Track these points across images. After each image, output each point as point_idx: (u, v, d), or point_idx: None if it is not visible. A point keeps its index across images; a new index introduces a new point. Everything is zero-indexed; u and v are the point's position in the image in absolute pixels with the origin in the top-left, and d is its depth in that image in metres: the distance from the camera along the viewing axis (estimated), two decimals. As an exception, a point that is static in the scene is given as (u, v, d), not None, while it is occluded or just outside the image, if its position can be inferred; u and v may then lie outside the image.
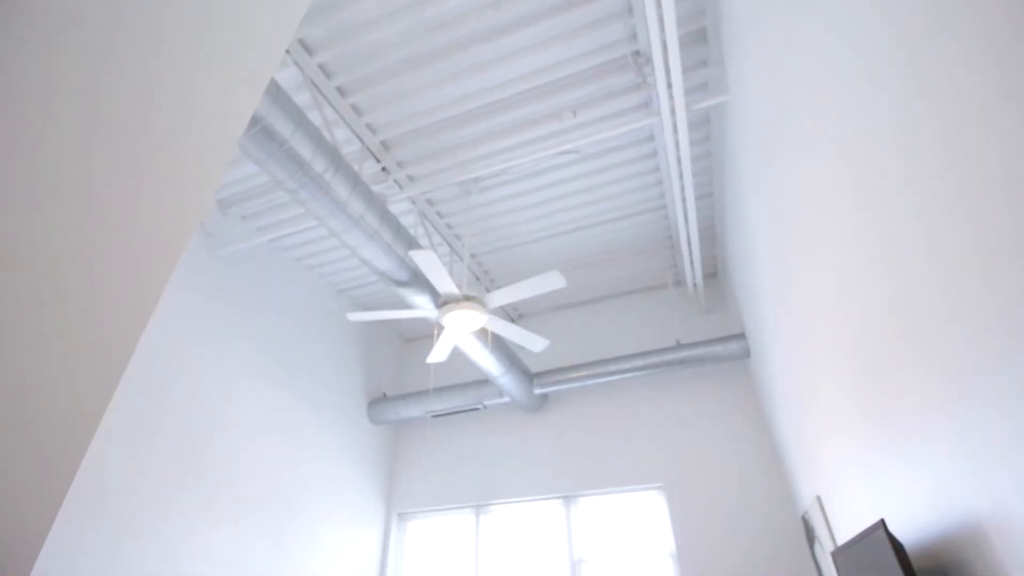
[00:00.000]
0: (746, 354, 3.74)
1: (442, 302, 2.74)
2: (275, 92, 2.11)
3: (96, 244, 0.84)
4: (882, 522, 1.28)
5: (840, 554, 1.90)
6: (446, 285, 2.56)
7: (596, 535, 3.94)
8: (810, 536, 3.01)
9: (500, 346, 3.83)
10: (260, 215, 3.61)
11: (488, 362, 3.77)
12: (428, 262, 2.37)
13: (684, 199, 3.54)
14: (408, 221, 3.83)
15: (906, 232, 1.18)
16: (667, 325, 4.54)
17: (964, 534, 1.20)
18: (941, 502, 1.30)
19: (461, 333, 3.06)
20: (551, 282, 2.54)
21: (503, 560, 4.09)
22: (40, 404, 0.76)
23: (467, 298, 2.71)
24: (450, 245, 4.05)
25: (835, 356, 1.90)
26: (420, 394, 4.53)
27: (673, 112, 2.71)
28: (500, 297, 2.69)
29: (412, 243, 2.89)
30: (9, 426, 0.73)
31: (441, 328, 3.52)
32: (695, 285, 4.34)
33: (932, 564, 1.42)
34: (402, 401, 4.58)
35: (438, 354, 3.19)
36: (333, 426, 4.18)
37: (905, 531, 1.56)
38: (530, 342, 3.09)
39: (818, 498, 2.58)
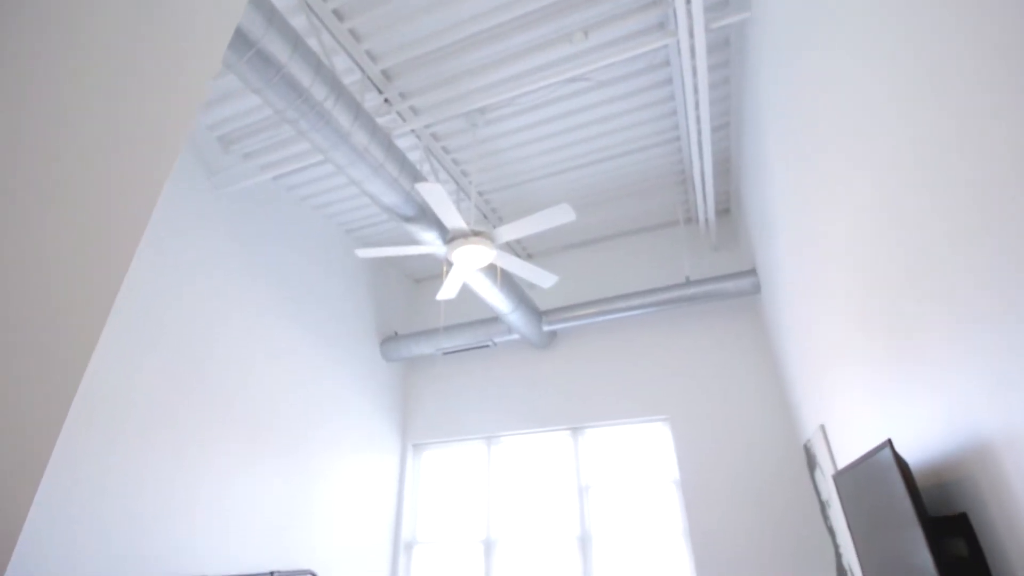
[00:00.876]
0: (756, 290, 3.72)
1: (450, 238, 2.71)
2: (270, 13, 1.99)
3: (83, 164, 0.82)
4: (889, 441, 1.30)
5: (842, 476, 1.96)
6: (454, 220, 2.52)
7: (602, 464, 4.10)
8: (811, 463, 3.11)
9: (509, 283, 3.83)
10: (262, 152, 3.53)
11: (497, 299, 3.78)
12: (435, 195, 2.32)
13: (699, 130, 3.41)
14: (414, 157, 3.74)
15: (918, 174, 1.12)
16: (676, 263, 4.50)
17: (971, 453, 1.22)
18: (948, 423, 1.31)
19: (470, 269, 3.05)
20: (560, 215, 2.49)
21: (513, 487, 4.30)
22: (34, 332, 0.76)
23: (475, 233, 2.67)
24: (457, 183, 3.97)
25: (846, 289, 1.88)
26: (431, 332, 4.60)
27: (691, 32, 2.54)
28: (509, 232, 2.65)
29: (418, 177, 2.83)
30: (5, 353, 0.73)
31: (450, 265, 3.51)
32: (707, 221, 4.26)
33: (934, 482, 1.45)
34: (413, 339, 4.66)
35: (447, 291, 3.20)
36: (347, 362, 4.29)
37: (909, 453, 1.59)
38: (539, 278, 3.08)
39: (821, 426, 2.63)
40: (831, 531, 2.93)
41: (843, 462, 2.39)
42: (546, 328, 4.29)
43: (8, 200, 0.71)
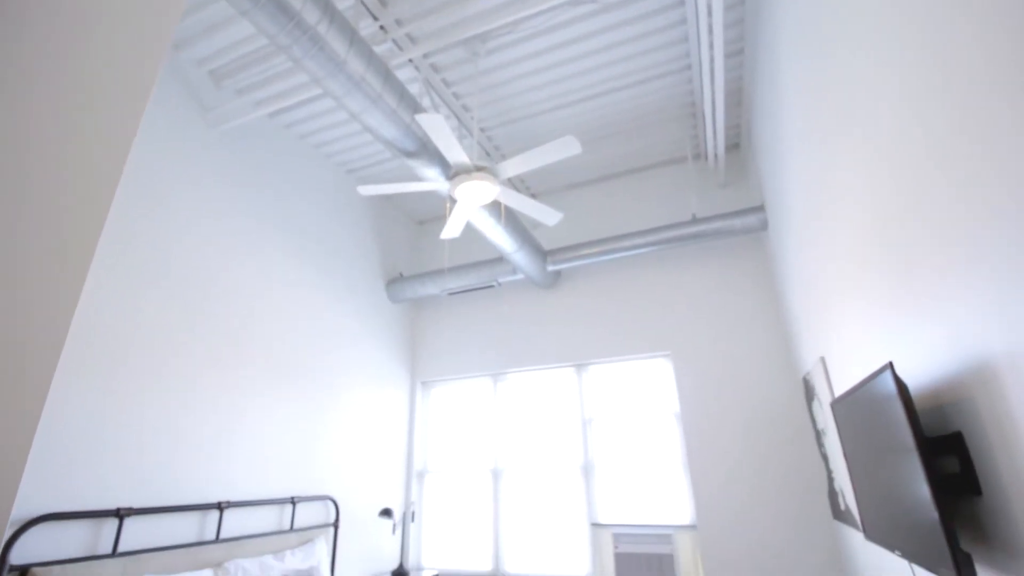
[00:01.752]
0: (763, 227, 3.67)
1: (453, 173, 2.65)
2: (253, -74, 1.85)
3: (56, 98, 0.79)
4: (890, 363, 1.32)
5: (839, 403, 2.00)
6: (456, 154, 2.46)
7: (605, 398, 4.21)
8: (809, 395, 3.18)
9: (513, 222, 3.79)
10: (256, 87, 3.40)
11: (501, 238, 3.76)
12: (436, 126, 2.25)
13: (712, 56, 3.24)
14: (412, 91, 3.60)
15: (935, 106, 1.06)
16: (683, 201, 4.43)
17: (971, 374, 1.23)
18: (950, 347, 1.32)
19: (473, 207, 3.01)
20: (566, 148, 2.42)
21: (519, 420, 4.45)
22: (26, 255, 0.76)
23: (478, 168, 2.61)
24: (458, 118, 3.84)
25: (855, 221, 1.84)
26: (436, 273, 4.61)
27: (707, -56, 2.37)
28: (513, 166, 2.59)
29: (418, 109, 2.73)
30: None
31: (453, 202, 3.47)
32: (716, 156, 4.14)
33: (930, 406, 1.49)
34: (419, 280, 4.68)
35: (451, 230, 3.17)
36: (353, 302, 4.33)
37: (907, 379, 1.62)
38: (543, 215, 3.04)
39: (821, 358, 2.67)
40: (825, 458, 3.05)
41: (841, 391, 2.44)
42: (550, 268, 4.28)
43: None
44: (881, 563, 2.26)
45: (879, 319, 1.81)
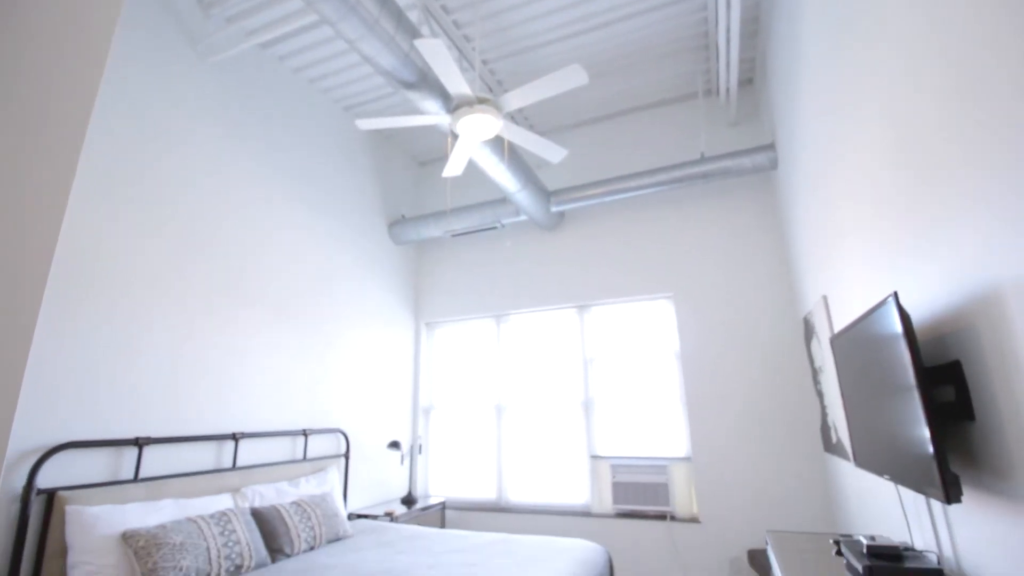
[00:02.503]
0: (772, 165, 3.58)
1: (454, 106, 2.56)
2: None
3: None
4: (894, 294, 1.32)
5: (839, 338, 2.03)
6: (457, 84, 2.36)
7: (606, 338, 4.28)
8: (808, 334, 3.22)
9: (516, 161, 3.71)
10: (246, 14, 3.23)
11: (504, 178, 3.69)
12: (436, 53, 2.15)
13: (728, -21, 3.04)
14: (411, 18, 3.41)
15: (953, 52, 0.99)
16: (692, 139, 4.30)
17: (975, 303, 1.23)
18: (956, 278, 1.31)
19: (475, 142, 2.94)
20: (572, 78, 2.32)
21: (522, 360, 4.54)
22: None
23: (480, 101, 2.52)
24: (459, 49, 3.67)
25: (868, 156, 1.78)
26: (438, 215, 4.56)
27: None
28: (516, 98, 2.50)
29: (416, 36, 2.60)
30: None
31: (455, 137, 3.37)
32: (728, 92, 3.98)
33: (930, 337, 1.50)
34: (421, 222, 4.64)
35: (453, 167, 3.11)
36: (356, 242, 4.32)
37: (909, 311, 1.62)
38: (547, 152, 2.97)
39: (823, 297, 2.68)
40: (820, 394, 3.12)
41: (841, 327, 2.46)
42: (554, 209, 4.23)
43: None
44: (868, 489, 2.36)
45: (884, 256, 1.80)
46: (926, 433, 1.24)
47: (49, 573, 2.07)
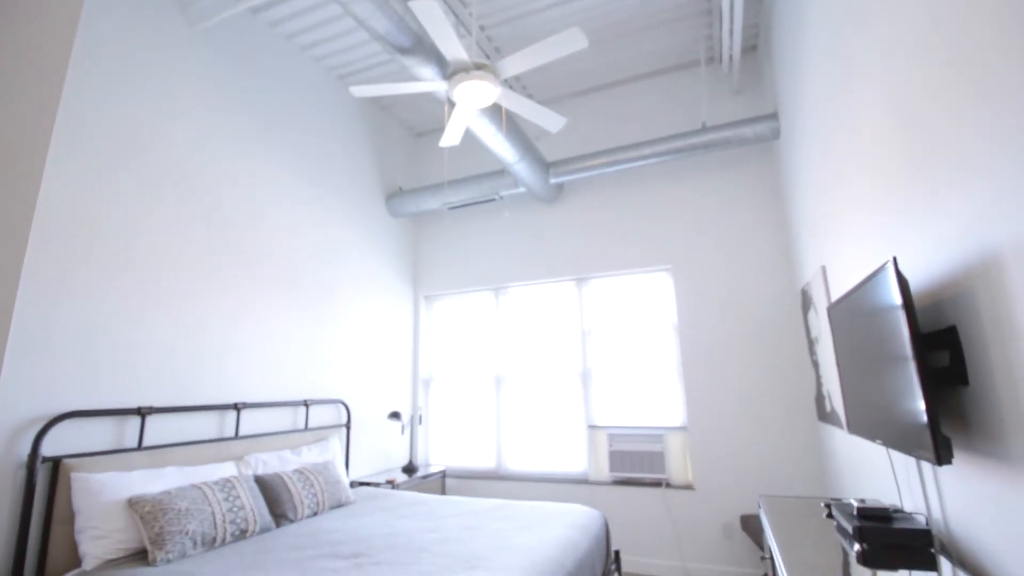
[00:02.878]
0: (775, 135, 3.53)
1: (450, 72, 2.50)
2: None
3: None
4: (893, 259, 1.31)
5: (836, 307, 2.03)
6: (454, 48, 2.30)
7: (604, 311, 4.29)
8: (806, 305, 3.23)
9: (515, 131, 3.65)
10: (235, -24, 3.13)
11: (503, 148, 3.63)
12: (431, 15, 2.09)
13: (734, -61, 2.95)
14: (406, -18, 3.30)
15: (959, 15, 0.95)
16: (693, 109, 4.22)
17: (973, 269, 1.23)
18: (955, 244, 1.31)
19: (473, 110, 2.88)
20: (571, 42, 2.26)
21: (520, 332, 4.57)
22: None
23: (478, 67, 2.46)
24: (456, 15, 3.56)
25: (871, 123, 1.75)
26: (436, 187, 4.51)
27: None
28: (514, 63, 2.44)
29: None
30: None
31: (451, 105, 3.31)
32: (731, 59, 3.89)
33: (928, 303, 1.50)
34: (419, 194, 4.59)
35: (450, 136, 3.06)
36: (353, 215, 4.29)
37: (908, 278, 1.62)
38: (546, 120, 2.92)
39: (822, 268, 2.68)
40: (815, 364, 3.15)
41: (839, 296, 2.47)
42: (553, 180, 4.18)
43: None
44: (860, 456, 2.41)
45: (883, 225, 1.79)
46: (920, 397, 1.25)
47: (57, 538, 2.12)
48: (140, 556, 2.13)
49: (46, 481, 2.17)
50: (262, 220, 3.40)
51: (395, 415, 4.09)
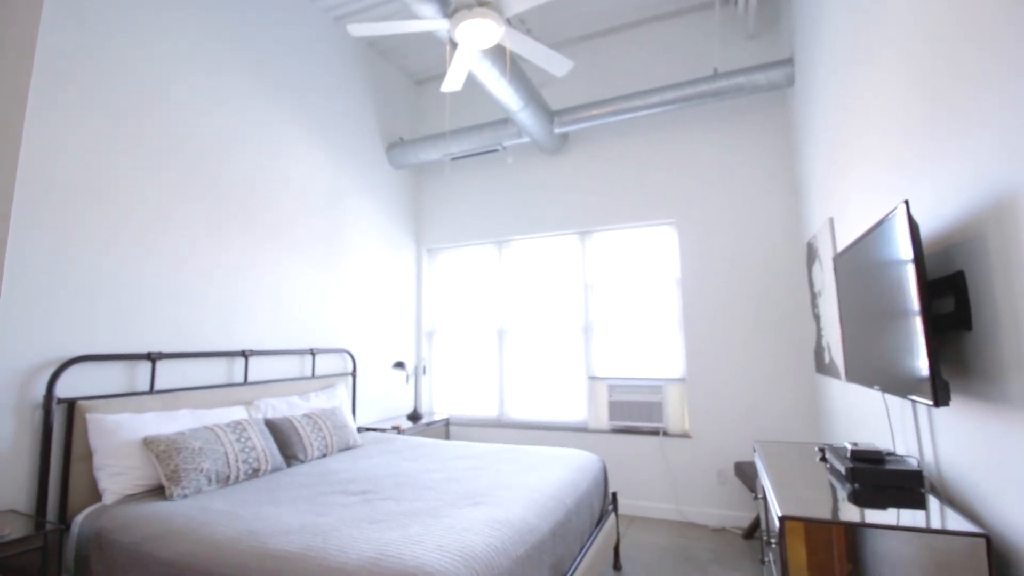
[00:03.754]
0: (789, 82, 3.40)
1: (452, 9, 2.39)
2: None
3: None
4: (905, 202, 1.29)
5: (842, 256, 2.02)
6: (457, -17, 2.19)
7: (607, 264, 4.28)
8: (811, 259, 3.21)
9: (519, 77, 3.52)
10: (224, -96, 2.95)
11: (506, 95, 3.52)
12: (434, -54, 1.97)
13: None
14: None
15: None
16: (704, 55, 4.06)
17: (984, 212, 1.21)
18: (965, 189, 1.28)
19: (475, 50, 2.78)
20: (580, -24, 2.14)
21: (523, 285, 4.58)
22: None
23: (481, 3, 2.35)
24: (458, -52, 3.37)
25: (889, 69, 1.68)
26: (437, 137, 4.41)
27: None
28: (519, 1, 2.33)
29: (412, -70, 2.38)
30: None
31: (453, 46, 3.19)
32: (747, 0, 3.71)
33: (935, 250, 1.49)
34: (420, 144, 4.50)
35: (452, 81, 2.96)
36: (354, 166, 4.21)
37: (919, 224, 1.60)
38: (552, 63, 2.81)
39: (830, 219, 2.64)
40: (817, 317, 3.17)
41: (846, 245, 2.45)
42: (557, 130, 4.08)
43: None
44: (856, 405, 2.46)
45: (894, 175, 1.75)
46: (922, 340, 1.26)
47: (77, 475, 2.21)
48: (158, 492, 2.23)
49: (63, 422, 2.24)
50: (263, 171, 3.34)
51: (399, 364, 4.16)
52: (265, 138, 3.38)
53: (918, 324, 1.28)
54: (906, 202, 1.29)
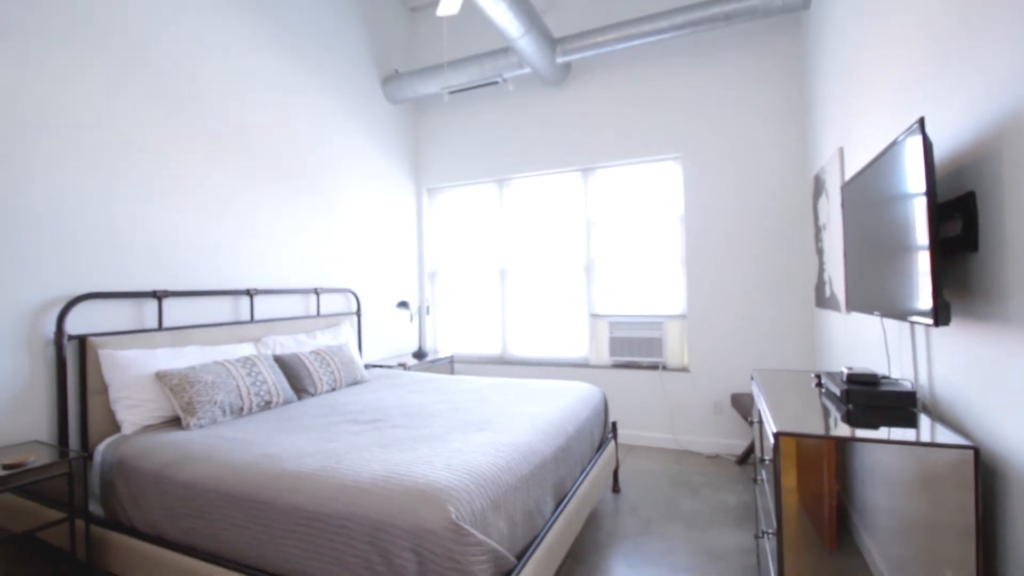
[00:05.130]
0: (805, 4, 3.21)
1: (449, -80, 2.22)
2: None
3: None
4: (921, 119, 1.25)
5: (850, 184, 1.98)
6: None
7: (610, 202, 4.22)
8: (817, 192, 3.16)
9: (518, 0, 3.33)
10: None
11: (506, 19, 3.34)
12: None
13: None
14: None
15: None
16: (717, -26, 3.80)
17: (1000, 128, 1.17)
18: (980, 108, 1.23)
19: (474, -29, 2.60)
20: None
21: (524, 224, 4.54)
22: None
23: (479, -88, 2.18)
24: None
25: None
26: (435, 68, 4.23)
27: None
28: (520, -91, 2.15)
29: None
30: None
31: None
32: (764, -90, 3.43)
33: (946, 173, 1.45)
34: (417, 77, 4.32)
35: (448, 4, 2.80)
36: (349, 101, 4.07)
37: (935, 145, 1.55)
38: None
39: (840, 149, 2.57)
40: (820, 251, 3.16)
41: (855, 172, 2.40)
42: (560, 59, 3.90)
43: None
44: (854, 335, 2.49)
45: (907, 99, 1.68)
46: (927, 259, 1.26)
47: (95, 407, 2.28)
48: (174, 423, 2.31)
49: (76, 357, 2.29)
50: (259, 109, 3.23)
51: (403, 304, 4.21)
52: (262, 75, 3.25)
53: (924, 244, 1.27)
54: (921, 119, 1.24)
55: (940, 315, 1.23)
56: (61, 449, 2.13)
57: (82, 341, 2.29)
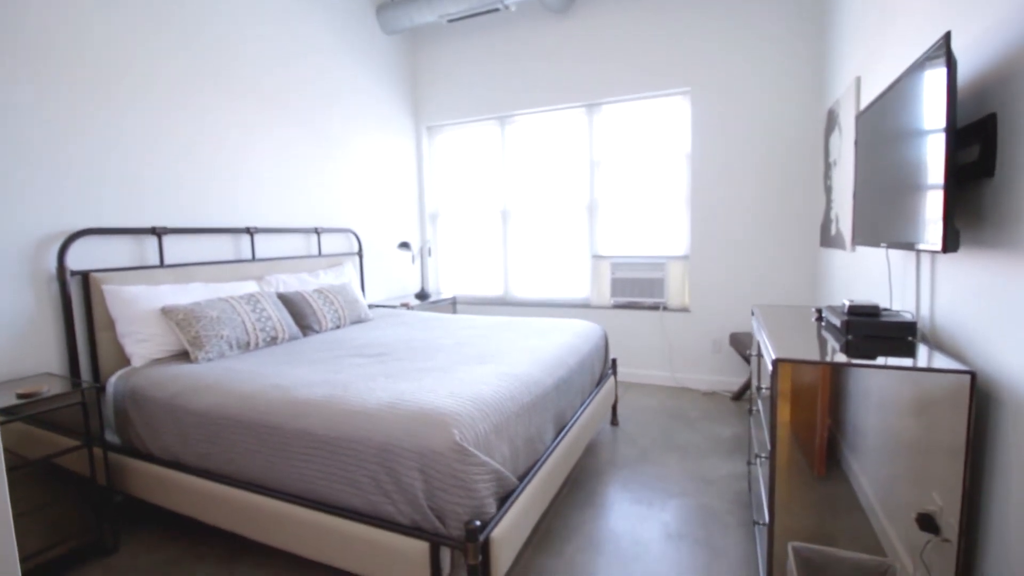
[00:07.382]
0: (830, -82, 2.98)
1: None
2: None
3: None
4: (947, 34, 1.18)
5: (866, 112, 1.91)
6: None
7: (615, 140, 4.11)
8: (830, 127, 3.06)
9: (522, -85, 3.09)
10: None
11: (508, -62, 3.12)
12: None
13: None
14: None
15: None
16: None
17: (1036, 40, 1.11)
18: (1008, 28, 1.16)
19: None
20: None
21: (527, 164, 4.44)
22: None
23: None
24: None
25: None
26: (431, -6, 3.99)
27: None
28: None
29: None
30: None
31: None
32: None
33: (969, 94, 1.39)
34: (413, 3, 4.09)
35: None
36: (342, 33, 3.87)
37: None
38: None
39: (857, 78, 2.47)
40: (828, 189, 3.10)
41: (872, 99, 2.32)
42: (565, -16, 3.67)
43: None
44: (857, 272, 2.49)
45: (930, 21, 1.58)
46: (939, 184, 1.23)
47: (104, 342, 2.32)
48: (183, 356, 2.36)
49: (80, 293, 2.29)
50: (255, 42, 3.07)
51: (404, 245, 4.18)
52: (245, 6, 3.07)
53: (939, 169, 1.24)
54: (947, 33, 1.17)
55: (949, 241, 1.22)
56: (74, 380, 2.18)
57: (85, 277, 2.29)
